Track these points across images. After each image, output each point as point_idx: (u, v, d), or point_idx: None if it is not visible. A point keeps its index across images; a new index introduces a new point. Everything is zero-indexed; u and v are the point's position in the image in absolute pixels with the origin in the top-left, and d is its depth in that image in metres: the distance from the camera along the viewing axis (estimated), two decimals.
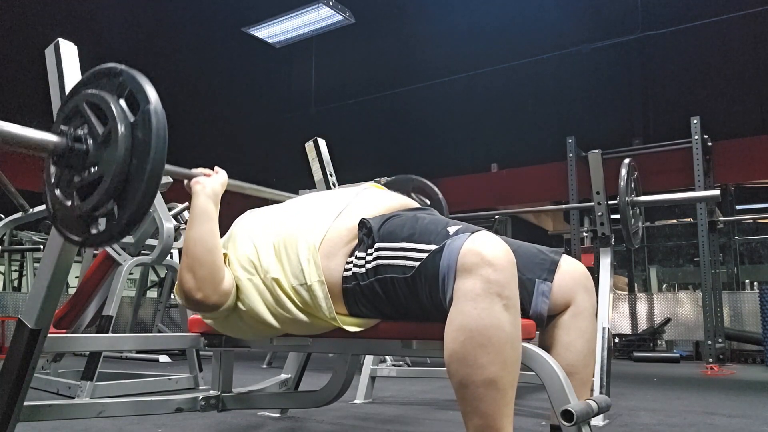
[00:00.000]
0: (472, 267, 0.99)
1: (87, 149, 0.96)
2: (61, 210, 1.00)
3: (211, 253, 1.24)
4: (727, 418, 2.35)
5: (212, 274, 1.23)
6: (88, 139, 0.96)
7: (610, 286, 2.55)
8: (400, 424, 2.17)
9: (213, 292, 1.22)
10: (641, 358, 5.30)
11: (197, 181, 1.35)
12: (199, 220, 1.28)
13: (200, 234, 1.26)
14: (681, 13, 6.69)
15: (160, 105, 0.93)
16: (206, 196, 1.32)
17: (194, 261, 1.23)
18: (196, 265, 1.22)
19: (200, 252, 1.23)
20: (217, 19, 8.23)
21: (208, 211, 1.30)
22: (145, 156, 0.90)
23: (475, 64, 7.82)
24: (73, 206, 0.97)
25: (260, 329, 1.30)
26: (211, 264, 1.23)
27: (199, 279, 1.22)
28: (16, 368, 1.18)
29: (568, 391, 1.01)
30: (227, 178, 1.43)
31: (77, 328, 3.09)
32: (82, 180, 0.96)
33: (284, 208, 1.42)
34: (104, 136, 0.94)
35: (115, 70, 0.99)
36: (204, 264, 1.22)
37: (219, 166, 1.43)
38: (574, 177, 5.78)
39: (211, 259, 1.23)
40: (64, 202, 0.99)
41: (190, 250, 1.24)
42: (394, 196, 1.41)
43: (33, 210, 3.37)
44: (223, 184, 1.40)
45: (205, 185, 1.34)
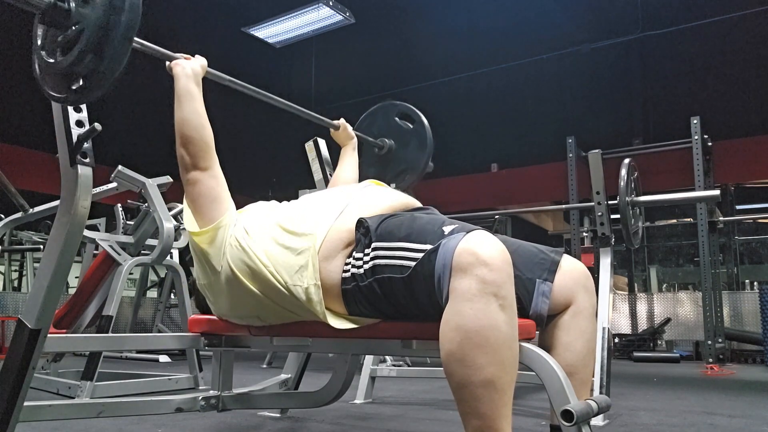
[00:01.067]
0: (468, 267, 0.99)
1: (69, 8, 1.04)
2: (46, 69, 1.10)
3: (197, 130, 1.38)
4: (727, 418, 2.35)
5: (203, 149, 1.37)
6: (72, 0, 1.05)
7: (610, 286, 2.55)
8: (400, 424, 2.17)
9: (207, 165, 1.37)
10: (641, 358, 5.30)
11: (177, 63, 1.45)
12: (183, 100, 1.39)
13: (185, 115, 1.38)
14: (681, 13, 6.69)
15: None
16: (187, 77, 1.42)
17: (185, 139, 1.37)
18: (187, 143, 1.37)
19: (188, 131, 1.37)
20: (217, 19, 8.23)
21: (190, 91, 1.41)
22: (120, 14, 1.01)
23: (475, 64, 7.82)
24: (56, 63, 1.07)
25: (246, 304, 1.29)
26: (200, 139, 1.37)
27: (192, 155, 1.37)
28: (16, 368, 1.18)
29: (568, 391, 1.01)
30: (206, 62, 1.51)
31: (77, 328, 3.09)
32: (65, 38, 1.05)
33: (286, 208, 1.42)
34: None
35: None
36: (193, 141, 1.37)
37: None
38: (574, 177, 5.78)
39: (199, 135, 1.38)
40: (47, 60, 1.09)
41: (179, 131, 1.38)
42: (394, 195, 1.41)
43: (33, 210, 3.37)
44: (203, 67, 1.49)
45: (185, 66, 1.44)
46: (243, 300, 1.29)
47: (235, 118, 8.83)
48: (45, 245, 1.38)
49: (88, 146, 1.19)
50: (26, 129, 6.49)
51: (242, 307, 1.33)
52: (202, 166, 1.36)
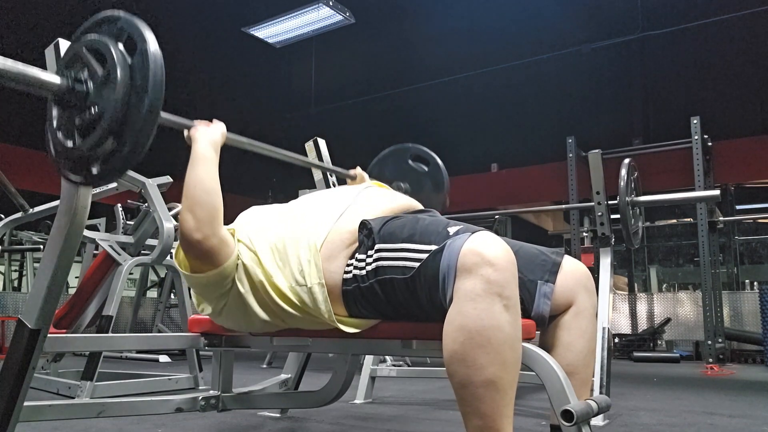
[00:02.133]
0: (473, 267, 0.99)
1: (87, 90, 0.99)
2: (62, 152, 1.03)
3: (209, 194, 1.25)
4: (727, 418, 2.35)
5: (211, 216, 1.24)
6: (89, 81, 0.99)
7: (610, 286, 2.54)
8: (400, 424, 2.17)
9: (212, 233, 1.23)
10: (641, 358, 5.30)
11: (197, 129, 1.37)
12: (198, 163, 1.30)
13: (200, 176, 1.27)
14: (681, 13, 6.69)
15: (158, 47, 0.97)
16: (206, 142, 1.34)
17: (193, 202, 1.24)
18: (195, 206, 1.24)
19: (199, 194, 1.25)
20: (217, 19, 8.23)
21: (207, 156, 1.32)
22: (143, 94, 0.94)
23: (475, 64, 7.81)
24: (74, 147, 1.00)
25: (256, 320, 1.28)
26: (210, 205, 1.24)
27: (198, 219, 1.23)
28: (16, 368, 1.18)
29: (568, 391, 1.01)
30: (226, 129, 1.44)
31: (77, 328, 3.09)
32: (83, 120, 0.99)
33: (285, 208, 1.42)
34: (104, 77, 0.97)
35: (113, 16, 1.03)
36: (203, 205, 1.24)
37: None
38: (574, 177, 5.78)
39: (210, 200, 1.25)
40: (65, 143, 1.01)
41: (190, 192, 1.25)
42: (395, 197, 1.41)
43: (33, 210, 3.37)
44: (223, 134, 1.41)
45: (205, 133, 1.36)
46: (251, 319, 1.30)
47: (236, 118, 8.84)
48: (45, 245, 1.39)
49: None
50: (26, 129, 6.49)
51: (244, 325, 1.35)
52: (207, 232, 1.23)
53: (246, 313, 1.28)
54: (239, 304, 1.28)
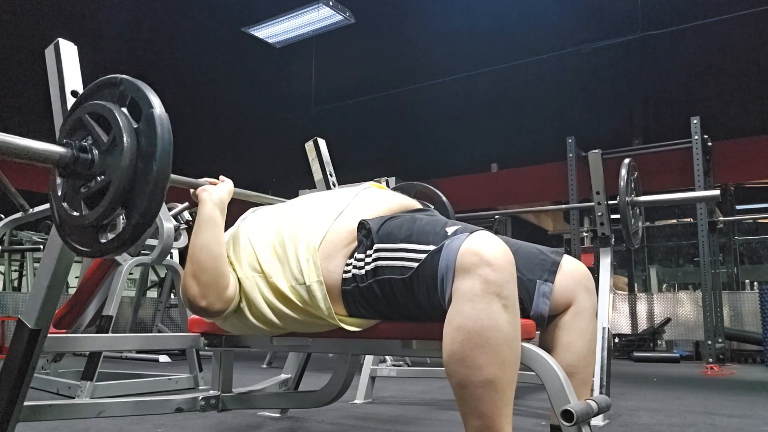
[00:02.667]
0: (471, 267, 0.99)
1: (92, 158, 0.96)
2: (69, 222, 1.00)
3: (215, 260, 1.24)
4: (727, 418, 2.35)
5: (216, 281, 1.23)
6: (93, 148, 0.97)
7: (610, 286, 2.55)
8: (400, 424, 2.17)
9: (217, 299, 1.23)
10: (641, 358, 5.30)
11: (204, 189, 1.36)
12: (205, 227, 1.28)
13: (206, 241, 1.26)
14: (681, 13, 6.68)
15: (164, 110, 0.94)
16: (213, 204, 1.33)
17: (199, 268, 1.23)
18: (200, 272, 1.23)
19: (205, 259, 1.23)
20: (217, 19, 8.22)
21: (214, 219, 1.31)
22: (150, 160, 0.91)
23: (475, 64, 7.81)
24: (81, 216, 0.97)
25: (260, 327, 1.29)
26: (215, 271, 1.23)
27: (203, 286, 1.22)
28: (16, 368, 1.18)
29: (568, 391, 1.01)
30: (233, 186, 1.44)
31: (77, 328, 3.09)
32: (89, 189, 0.96)
33: (285, 208, 1.42)
34: (109, 144, 0.95)
35: (115, 80, 1.00)
36: (208, 271, 1.23)
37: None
38: (574, 177, 5.78)
39: (215, 266, 1.23)
40: (71, 213, 0.99)
41: (195, 257, 1.24)
42: (394, 196, 1.41)
43: (33, 210, 3.37)
44: (230, 192, 1.41)
45: (212, 193, 1.35)
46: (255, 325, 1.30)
47: (236, 118, 8.83)
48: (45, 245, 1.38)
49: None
50: (26, 129, 6.48)
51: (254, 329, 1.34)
52: (212, 299, 1.22)
53: (247, 324, 1.30)
54: (240, 317, 1.30)
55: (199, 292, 1.22)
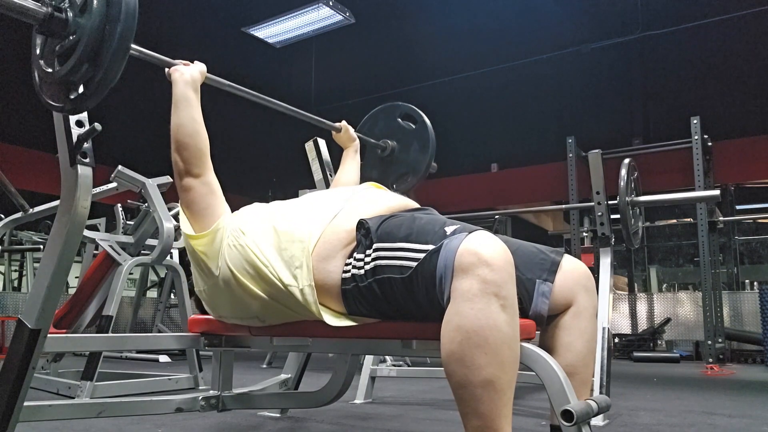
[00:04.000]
0: (469, 267, 0.99)
1: (66, 18, 1.06)
2: (45, 78, 1.12)
3: (192, 137, 1.38)
4: (727, 418, 2.35)
5: (196, 156, 1.37)
6: (68, 10, 1.07)
7: (610, 286, 2.55)
8: (400, 424, 2.17)
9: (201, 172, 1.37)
10: (641, 358, 5.30)
11: (176, 69, 1.45)
12: (180, 106, 1.39)
13: (181, 120, 1.38)
14: (681, 13, 6.68)
15: None
16: (185, 83, 1.42)
17: (179, 145, 1.37)
18: (181, 148, 1.37)
19: (182, 137, 1.37)
20: (217, 19, 8.23)
21: (188, 97, 1.41)
22: (116, 23, 1.02)
23: (475, 64, 7.81)
24: (54, 72, 1.09)
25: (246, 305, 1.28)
26: (194, 147, 1.37)
27: (185, 160, 1.37)
28: (16, 368, 1.18)
29: (568, 391, 1.01)
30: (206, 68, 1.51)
31: (77, 328, 3.09)
32: (62, 48, 1.07)
33: (283, 208, 1.42)
34: (81, 6, 1.05)
35: None
36: (188, 147, 1.37)
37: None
38: (574, 177, 5.78)
39: (194, 142, 1.37)
40: (46, 69, 1.10)
41: (175, 135, 1.38)
42: (392, 196, 1.41)
43: (33, 210, 3.37)
44: (202, 73, 1.49)
45: (184, 72, 1.44)
46: (242, 301, 1.29)
47: (236, 118, 8.83)
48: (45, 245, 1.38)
49: (88, 146, 1.19)
50: (26, 129, 6.49)
51: (242, 308, 1.33)
52: (195, 172, 1.37)
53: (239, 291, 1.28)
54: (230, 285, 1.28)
55: (184, 167, 1.37)
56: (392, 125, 2.27)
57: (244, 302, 1.29)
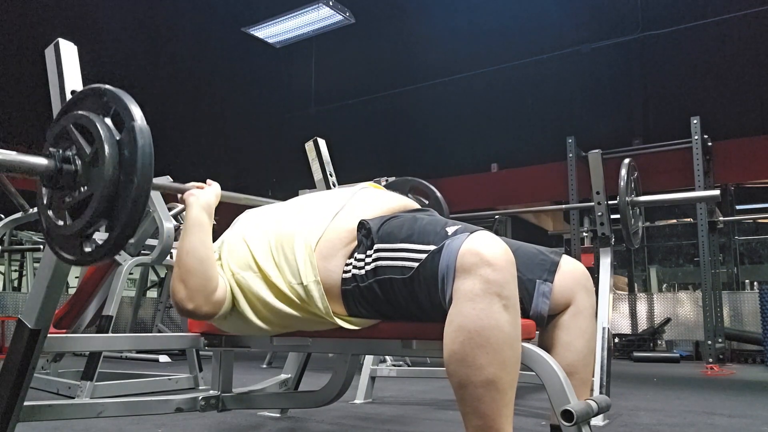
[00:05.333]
0: (471, 267, 0.99)
1: (76, 169, 0.98)
2: (54, 230, 1.02)
3: (202, 263, 1.24)
4: (727, 418, 2.35)
5: (204, 285, 1.23)
6: (77, 159, 0.98)
7: (610, 286, 2.54)
8: (400, 424, 2.17)
9: (205, 302, 1.23)
10: (641, 358, 5.30)
11: (191, 193, 1.37)
12: (192, 230, 1.29)
13: (192, 245, 1.26)
14: (681, 13, 6.69)
15: (145, 122, 0.95)
16: (200, 207, 1.34)
17: (186, 271, 1.23)
18: (187, 275, 1.23)
19: (192, 262, 1.24)
20: (217, 19, 8.23)
21: (201, 222, 1.31)
22: (132, 172, 0.92)
23: (475, 64, 7.81)
24: (66, 226, 0.99)
25: (259, 325, 1.29)
26: (202, 274, 1.23)
27: (191, 289, 1.22)
28: (16, 368, 1.18)
29: (568, 391, 1.01)
30: (220, 189, 1.44)
31: (77, 328, 3.09)
32: (73, 200, 0.98)
33: (282, 208, 1.42)
34: (92, 156, 0.96)
35: (99, 90, 1.01)
36: (195, 274, 1.23)
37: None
38: (574, 177, 5.78)
39: (202, 269, 1.24)
40: (56, 222, 1.01)
41: (182, 261, 1.25)
42: (392, 196, 1.41)
43: (33, 210, 3.37)
44: (217, 195, 1.42)
45: (199, 197, 1.36)
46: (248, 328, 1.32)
47: (236, 118, 8.83)
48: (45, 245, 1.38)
49: None
50: (26, 129, 6.49)
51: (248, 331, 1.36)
52: (200, 302, 1.23)
53: (247, 324, 1.30)
54: (240, 317, 1.30)
55: (186, 295, 1.22)
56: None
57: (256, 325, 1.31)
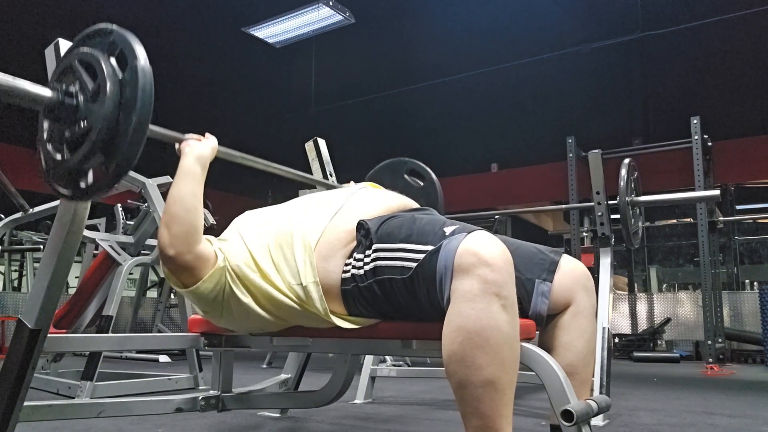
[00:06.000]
0: (469, 267, 0.99)
1: (77, 104, 0.99)
2: (52, 164, 1.04)
3: (188, 212, 1.25)
4: (727, 418, 2.35)
5: (187, 233, 1.23)
6: (79, 94, 0.99)
7: (610, 286, 2.54)
8: (400, 424, 2.17)
9: (186, 250, 1.23)
10: (641, 358, 5.30)
11: (187, 143, 1.38)
12: (184, 179, 1.30)
13: (181, 193, 1.27)
14: (681, 13, 6.68)
15: (148, 63, 0.96)
16: (194, 158, 1.34)
17: (171, 218, 1.24)
18: (172, 222, 1.23)
19: (178, 210, 1.25)
20: (217, 19, 8.22)
21: (193, 172, 1.32)
22: (131, 110, 0.94)
23: (475, 64, 7.81)
24: (63, 160, 1.01)
25: (259, 313, 1.27)
26: (188, 223, 1.24)
27: (173, 235, 1.22)
28: (16, 368, 1.18)
29: (568, 391, 1.01)
30: (217, 144, 1.44)
31: (77, 328, 3.09)
32: (72, 134, 0.99)
33: (281, 209, 1.42)
34: (94, 92, 0.97)
35: (106, 29, 1.02)
36: (180, 222, 1.24)
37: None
38: (574, 177, 5.78)
39: (188, 218, 1.25)
40: (54, 156, 1.02)
41: (169, 208, 1.26)
42: (391, 196, 1.41)
43: (33, 210, 3.37)
44: (213, 149, 1.42)
45: (194, 147, 1.37)
46: (247, 321, 1.30)
47: (235, 118, 8.84)
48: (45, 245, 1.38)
49: None
50: (26, 129, 6.49)
51: (246, 326, 1.35)
52: (181, 249, 1.22)
53: (248, 316, 1.28)
54: (239, 309, 1.28)
55: (169, 241, 1.22)
56: (398, 182, 2.21)
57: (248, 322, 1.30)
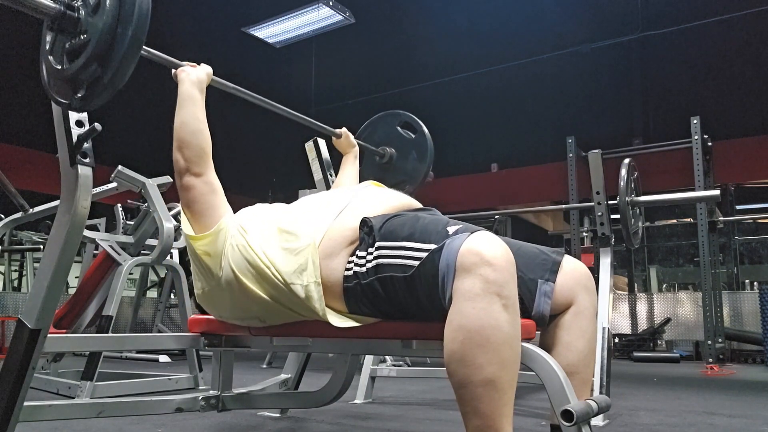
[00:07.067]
0: (471, 267, 0.99)
1: (78, 17, 1.06)
2: (52, 74, 1.12)
3: (194, 135, 1.37)
4: (727, 418, 2.35)
5: (198, 155, 1.36)
6: (81, 9, 1.07)
7: (610, 286, 2.55)
8: (400, 424, 2.17)
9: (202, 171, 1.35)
10: (641, 358, 5.30)
11: (183, 69, 1.46)
12: (185, 104, 1.39)
13: (184, 118, 1.38)
14: (681, 13, 6.69)
15: None
16: (191, 83, 1.42)
17: (181, 143, 1.36)
18: (183, 147, 1.36)
19: (184, 135, 1.36)
20: (217, 19, 8.22)
21: (193, 96, 1.41)
22: (128, 24, 1.01)
23: (475, 64, 7.81)
24: (62, 69, 1.09)
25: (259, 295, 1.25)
26: (196, 146, 1.36)
27: (187, 159, 1.35)
28: (16, 368, 1.18)
29: (568, 391, 1.01)
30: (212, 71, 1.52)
31: (77, 328, 3.09)
32: (72, 45, 1.07)
33: (283, 208, 1.42)
34: (95, 5, 1.05)
35: None
36: (190, 146, 1.36)
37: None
38: (574, 177, 5.78)
39: (196, 141, 1.36)
40: (54, 65, 1.10)
41: (177, 133, 1.37)
42: (395, 195, 1.41)
43: (33, 210, 3.37)
44: (209, 75, 1.49)
45: (190, 73, 1.45)
46: (244, 302, 1.29)
47: (236, 118, 8.83)
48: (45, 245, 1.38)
49: (88, 146, 1.19)
50: (26, 129, 6.49)
51: (243, 309, 1.33)
52: (196, 171, 1.35)
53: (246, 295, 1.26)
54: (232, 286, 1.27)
55: (185, 165, 1.35)
56: (392, 133, 2.28)
57: (245, 303, 1.29)
